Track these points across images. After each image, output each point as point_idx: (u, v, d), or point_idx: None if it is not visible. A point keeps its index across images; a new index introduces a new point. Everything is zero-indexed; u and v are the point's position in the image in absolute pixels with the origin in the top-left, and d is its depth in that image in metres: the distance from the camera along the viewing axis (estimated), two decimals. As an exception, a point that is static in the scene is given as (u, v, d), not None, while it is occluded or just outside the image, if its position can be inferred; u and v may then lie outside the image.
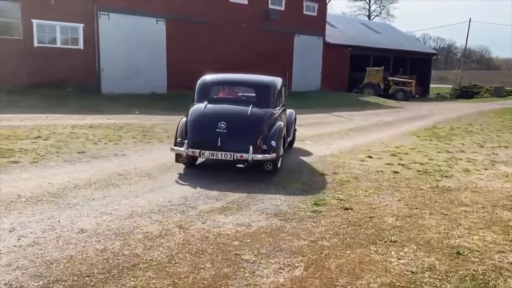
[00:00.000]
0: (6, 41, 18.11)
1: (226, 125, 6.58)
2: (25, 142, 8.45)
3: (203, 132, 6.73)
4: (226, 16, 24.67)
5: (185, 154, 6.58)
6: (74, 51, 19.81)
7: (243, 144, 6.49)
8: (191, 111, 7.06)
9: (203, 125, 6.79)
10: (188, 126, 6.82)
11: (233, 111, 7.00)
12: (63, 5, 18.80)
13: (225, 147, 6.49)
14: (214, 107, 7.07)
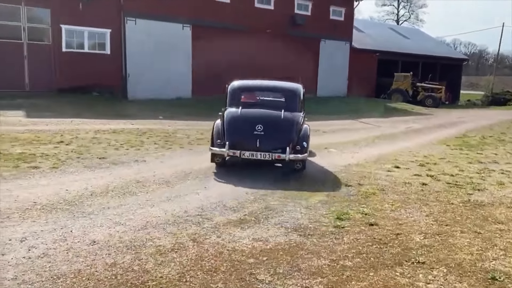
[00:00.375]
0: (37, 46, 18.51)
1: (263, 128, 7.15)
2: (47, 147, 8.48)
3: (242, 134, 7.25)
4: (251, 22, 24.59)
5: (226, 154, 7.08)
6: (101, 56, 20.09)
7: (279, 145, 7.05)
8: (228, 115, 7.56)
9: (241, 128, 7.32)
10: (226, 128, 7.32)
11: (268, 115, 7.58)
12: (91, 11, 19.10)
13: (263, 148, 7.03)
14: (250, 111, 7.69)
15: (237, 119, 7.47)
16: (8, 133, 9.57)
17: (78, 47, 19.45)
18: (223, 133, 7.30)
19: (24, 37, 18.17)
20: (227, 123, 7.40)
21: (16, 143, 8.68)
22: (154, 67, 21.36)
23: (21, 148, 8.18)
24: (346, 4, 30.42)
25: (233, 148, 7.04)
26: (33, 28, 18.52)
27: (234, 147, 7.04)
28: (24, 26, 18.10)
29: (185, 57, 22.60)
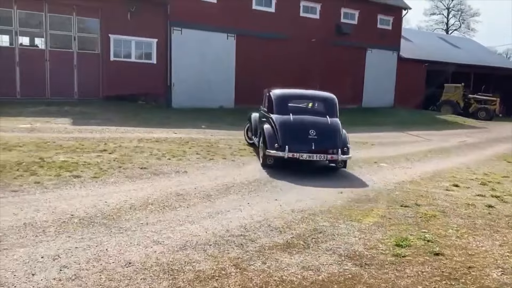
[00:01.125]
0: (86, 55, 18.99)
1: (316, 132, 8.10)
2: (90, 156, 8.41)
3: (298, 138, 8.08)
4: (296, 31, 24.23)
5: (286, 156, 7.86)
6: (147, 66, 20.35)
7: (330, 147, 8.05)
8: (279, 121, 8.37)
9: (297, 133, 8.17)
10: (282, 133, 8.12)
11: (317, 121, 8.50)
12: (138, 21, 19.40)
13: (318, 150, 7.94)
14: (301, 118, 8.57)
15: (291, 125, 8.32)
16: (54, 141, 9.63)
17: (125, 57, 19.79)
18: (278, 137, 8.09)
19: (74, 47, 18.68)
20: (281, 128, 8.20)
21: (60, 150, 8.68)
22: (198, 76, 21.41)
23: (64, 156, 8.14)
24: (394, 12, 29.48)
25: (291, 151, 7.86)
26: (83, 37, 19.03)
27: (293, 150, 7.88)
28: (74, 35, 18.62)
29: (229, 66, 22.53)
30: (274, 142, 8.08)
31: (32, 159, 7.68)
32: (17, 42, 17.48)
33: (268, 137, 8.21)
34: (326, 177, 7.98)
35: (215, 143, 11.08)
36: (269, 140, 8.17)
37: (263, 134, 8.48)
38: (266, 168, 8.28)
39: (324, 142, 8.07)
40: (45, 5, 17.60)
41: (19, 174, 6.62)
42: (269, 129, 8.40)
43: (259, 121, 10.04)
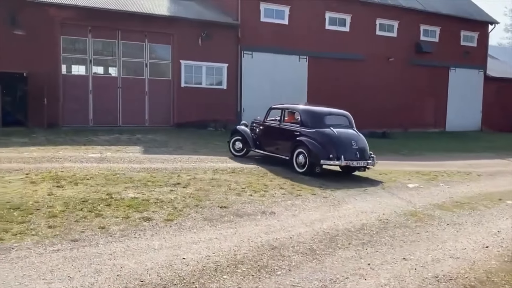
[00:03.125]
0: (157, 82, 18.67)
1: (356, 143, 9.60)
2: (163, 190, 7.35)
3: (347, 149, 9.44)
4: (372, 50, 22.63)
5: (343, 164, 9.36)
6: (218, 91, 19.66)
7: (367, 154, 9.68)
8: (323, 134, 9.62)
9: (345, 144, 9.52)
10: (333, 146, 9.43)
11: (352, 133, 9.96)
12: (209, 46, 18.84)
13: (360, 158, 9.47)
14: (341, 131, 9.79)
15: (339, 138, 9.58)
16: (124, 172, 8.76)
17: (196, 82, 19.25)
18: (330, 149, 9.34)
19: (146, 73, 18.43)
20: (331, 141, 9.52)
21: (130, 184, 7.72)
22: (268, 100, 20.17)
23: (134, 192, 7.15)
24: (479, 28, 26.92)
25: (346, 160, 9.25)
26: (154, 64, 18.77)
27: (347, 159, 9.26)
28: (146, 62, 18.39)
29: (301, 90, 21.28)
30: (326, 153, 9.27)
31: (99, 196, 6.73)
32: (91, 70, 17.50)
33: (316, 150, 9.37)
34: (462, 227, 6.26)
35: (297, 174, 9.69)
36: (319, 151, 9.34)
37: (306, 147, 9.54)
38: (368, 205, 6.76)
39: (362, 151, 9.59)
40: (119, 33, 17.55)
41: (83, 216, 5.63)
42: (312, 142, 9.50)
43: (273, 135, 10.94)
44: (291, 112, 10.94)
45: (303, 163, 9.57)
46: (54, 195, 6.64)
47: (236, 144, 11.83)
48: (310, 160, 9.37)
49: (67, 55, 16.98)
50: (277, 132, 10.83)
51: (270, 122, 11.30)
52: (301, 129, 9.98)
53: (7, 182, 7.36)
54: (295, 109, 10.88)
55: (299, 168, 9.70)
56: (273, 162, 10.59)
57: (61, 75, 16.61)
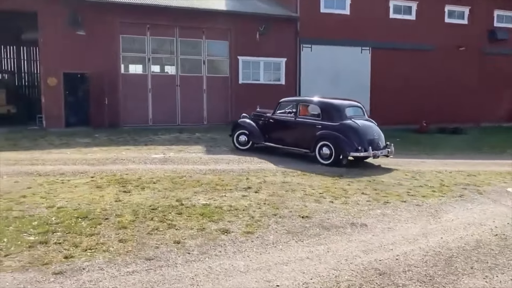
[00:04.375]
0: (215, 79, 18.25)
1: (375, 133, 9.95)
2: (235, 196, 6.72)
3: (371, 140, 9.76)
4: (440, 39, 20.97)
5: (371, 155, 9.71)
6: (276, 87, 18.94)
7: (384, 143, 10.10)
8: (351, 127, 9.78)
9: (369, 136, 9.81)
10: (359, 137, 9.66)
11: (371, 124, 10.20)
12: (267, 41, 18.16)
13: (382, 147, 9.93)
14: (362, 123, 10.02)
15: (363, 130, 9.84)
16: (190, 174, 8.25)
17: (254, 79, 18.65)
18: (356, 141, 9.60)
19: (204, 71, 18.06)
20: (357, 133, 9.72)
21: (199, 188, 7.17)
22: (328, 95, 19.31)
23: (205, 197, 6.57)
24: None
25: (373, 150, 9.60)
26: (212, 61, 18.36)
27: (373, 149, 9.64)
28: (204, 59, 18.01)
29: (363, 83, 20.12)
30: (354, 146, 9.54)
31: (169, 202, 6.21)
32: (150, 69, 17.35)
33: (344, 142, 9.60)
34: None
35: (377, 177, 8.76)
36: (347, 144, 9.58)
37: (333, 140, 9.72)
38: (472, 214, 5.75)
39: (380, 141, 10.00)
40: (176, 30, 17.27)
41: (154, 227, 5.09)
42: (338, 136, 9.68)
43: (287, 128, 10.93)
44: (305, 105, 10.95)
45: (328, 155, 9.78)
46: (122, 201, 6.20)
47: (240, 137, 11.64)
48: (338, 153, 9.64)
49: (126, 54, 16.93)
50: (293, 125, 10.81)
51: (283, 116, 11.23)
52: (322, 122, 10.11)
53: (73, 187, 7.04)
54: (312, 102, 10.89)
55: (323, 160, 9.86)
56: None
57: (120, 74, 16.58)
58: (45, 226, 4.92)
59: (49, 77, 15.45)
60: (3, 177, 7.53)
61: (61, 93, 15.67)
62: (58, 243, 4.46)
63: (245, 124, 11.65)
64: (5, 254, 4.08)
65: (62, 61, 15.30)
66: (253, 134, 11.45)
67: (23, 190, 6.69)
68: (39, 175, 7.86)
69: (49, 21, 15.07)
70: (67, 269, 3.82)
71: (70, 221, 5.19)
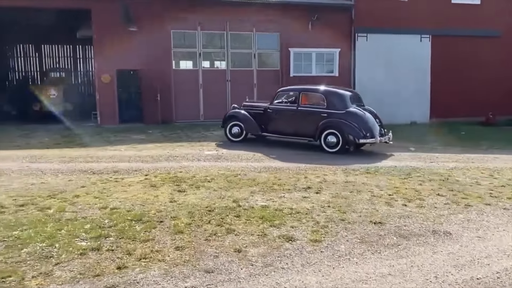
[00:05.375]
0: (266, 72, 17.74)
1: (377, 121, 10.25)
2: (294, 197, 6.20)
3: (374, 126, 10.02)
4: (509, 25, 19.24)
5: (378, 142, 9.93)
6: (328, 79, 18.05)
7: (383, 131, 10.33)
8: (356, 114, 9.97)
9: (372, 122, 10.05)
10: (366, 125, 9.88)
11: (371, 112, 10.47)
12: (320, 31, 17.37)
13: (383, 134, 10.26)
14: (366, 110, 10.37)
15: (368, 117, 10.04)
16: (245, 172, 7.81)
17: (305, 71, 17.97)
18: (364, 128, 9.77)
19: (254, 64, 17.61)
20: (364, 121, 9.90)
21: (256, 187, 6.71)
22: (385, 87, 18.28)
23: (263, 198, 6.09)
24: None
25: (380, 137, 9.95)
26: (262, 54, 17.86)
27: (380, 136, 9.96)
28: (254, 52, 17.54)
29: (422, 74, 18.86)
30: (361, 133, 9.72)
31: (225, 203, 5.79)
32: (201, 64, 17.12)
33: (352, 130, 9.74)
34: None
35: (448, 175, 7.90)
36: (355, 131, 9.72)
37: (340, 128, 9.86)
38: None
39: (381, 127, 10.22)
40: (227, 24, 16.90)
41: (212, 232, 4.67)
42: (345, 123, 9.82)
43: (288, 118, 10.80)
44: (307, 94, 10.94)
45: (335, 143, 9.93)
46: (177, 202, 5.84)
47: (234, 129, 11.49)
48: (345, 140, 9.82)
49: (177, 50, 16.79)
50: (295, 115, 10.69)
51: (283, 105, 11.08)
52: (328, 110, 10.14)
53: (127, 185, 6.80)
54: (316, 90, 10.97)
55: (329, 149, 10.01)
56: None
57: (172, 70, 16.46)
58: (98, 230, 4.63)
59: (103, 74, 15.60)
60: (58, 176, 7.44)
61: (114, 90, 15.78)
62: (111, 249, 4.13)
63: (239, 115, 11.48)
64: (56, 263, 3.80)
65: (115, 58, 15.36)
66: (249, 125, 11.30)
67: (77, 189, 6.52)
68: (93, 173, 7.71)
69: (102, 18, 15.17)
70: (120, 282, 3.46)
71: (124, 224, 4.88)
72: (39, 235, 4.44)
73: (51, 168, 8.04)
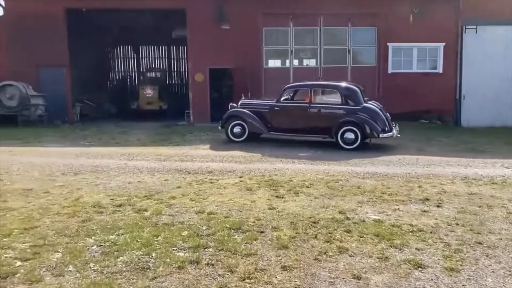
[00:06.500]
0: (361, 69, 16.73)
1: (387, 115, 10.37)
2: (411, 210, 5.33)
3: (387, 120, 10.21)
4: None
5: (395, 136, 10.21)
6: (431, 76, 16.63)
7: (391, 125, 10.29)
8: (374, 110, 10.17)
9: (385, 116, 10.22)
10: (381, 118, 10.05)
11: (379, 106, 10.56)
12: (422, 24, 15.93)
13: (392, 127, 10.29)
14: (377, 105, 10.52)
15: (381, 111, 10.26)
16: (346, 178, 7.06)
17: (405, 67, 16.61)
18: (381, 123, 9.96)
19: (348, 60, 16.67)
20: (378, 115, 10.08)
21: (362, 197, 5.95)
22: (496, 85, 16.19)
23: (374, 210, 5.32)
24: None
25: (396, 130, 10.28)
26: (357, 49, 16.86)
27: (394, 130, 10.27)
28: (349, 48, 16.60)
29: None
30: (379, 127, 9.83)
31: (330, 214, 5.12)
32: (292, 61, 16.59)
33: (372, 125, 9.78)
34: None
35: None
36: (375, 126, 9.79)
37: (359, 124, 9.77)
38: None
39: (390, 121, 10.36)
40: (321, 19, 16.18)
41: (321, 249, 4.03)
42: (365, 119, 9.81)
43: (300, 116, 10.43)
44: (319, 91, 10.84)
45: (353, 140, 9.78)
46: (276, 209, 5.31)
47: (235, 129, 10.92)
48: (365, 136, 9.85)
49: (269, 47, 16.43)
50: (308, 112, 10.35)
51: (292, 102, 10.80)
52: (345, 106, 10.04)
53: (222, 188, 6.43)
54: (330, 86, 10.94)
55: (347, 146, 9.82)
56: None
57: (263, 68, 16.15)
58: (196, 239, 4.23)
59: (196, 73, 15.74)
60: (154, 174, 7.32)
61: (207, 89, 15.87)
62: (211, 264, 3.68)
63: (241, 114, 10.92)
64: (153, 277, 3.42)
65: (208, 57, 15.42)
66: (253, 125, 10.78)
67: (173, 190, 6.28)
68: (188, 172, 7.50)
69: (197, 17, 15.30)
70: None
71: (222, 232, 4.44)
72: (135, 241, 4.14)
73: (148, 166, 7.99)
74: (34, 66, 15.26)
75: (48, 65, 15.37)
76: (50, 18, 14.97)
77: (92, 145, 10.95)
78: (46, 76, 15.63)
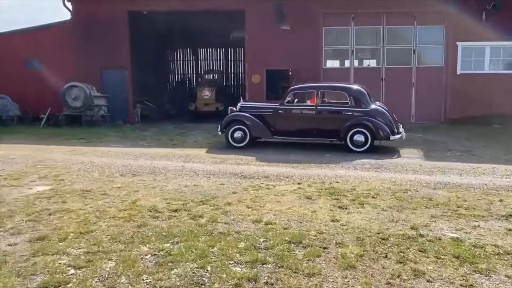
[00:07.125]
0: (427, 70, 15.77)
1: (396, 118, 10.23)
2: (494, 228, 4.70)
3: (396, 123, 10.09)
4: None
5: (404, 138, 10.00)
6: (505, 78, 15.32)
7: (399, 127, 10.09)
8: (383, 112, 10.01)
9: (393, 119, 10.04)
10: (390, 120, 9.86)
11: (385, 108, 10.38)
12: (496, 21, 14.69)
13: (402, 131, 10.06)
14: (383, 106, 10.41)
15: (388, 114, 9.99)
16: (416, 189, 6.48)
17: (476, 68, 15.43)
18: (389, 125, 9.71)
19: (413, 61, 15.75)
20: (387, 117, 9.86)
21: (435, 210, 5.38)
22: None
23: (450, 227, 4.76)
24: None
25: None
26: (422, 49, 15.90)
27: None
28: (414, 48, 15.69)
29: None
30: (389, 129, 9.63)
31: (401, 230, 4.62)
32: (353, 62, 15.96)
33: (383, 127, 9.59)
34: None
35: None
36: (385, 128, 9.59)
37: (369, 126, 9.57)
38: None
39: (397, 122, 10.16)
40: (384, 17, 15.42)
41: (394, 271, 3.58)
42: (375, 121, 9.64)
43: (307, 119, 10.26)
44: (325, 93, 10.81)
45: (363, 142, 9.58)
46: (339, 222, 4.90)
47: (236, 134, 10.43)
48: (375, 138, 9.62)
49: (329, 48, 15.91)
50: (314, 114, 10.18)
51: (297, 105, 10.49)
52: (354, 109, 9.88)
53: (279, 195, 6.11)
54: (338, 88, 10.85)
55: (356, 148, 9.62)
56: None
57: (322, 69, 15.66)
58: (253, 252, 3.93)
59: (253, 74, 15.56)
60: (210, 178, 7.14)
61: (263, 91, 15.63)
62: (270, 283, 3.37)
63: (243, 118, 10.44)
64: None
65: (265, 58, 15.19)
66: (256, 129, 10.37)
67: (229, 195, 6.05)
68: (244, 177, 7.26)
69: (255, 18, 15.11)
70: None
71: (282, 246, 4.11)
72: (190, 252, 3.92)
73: (204, 169, 7.85)
74: (98, 68, 15.79)
75: (111, 67, 15.85)
76: (113, 21, 15.41)
77: (150, 145, 11.05)
78: (109, 77, 16.14)
